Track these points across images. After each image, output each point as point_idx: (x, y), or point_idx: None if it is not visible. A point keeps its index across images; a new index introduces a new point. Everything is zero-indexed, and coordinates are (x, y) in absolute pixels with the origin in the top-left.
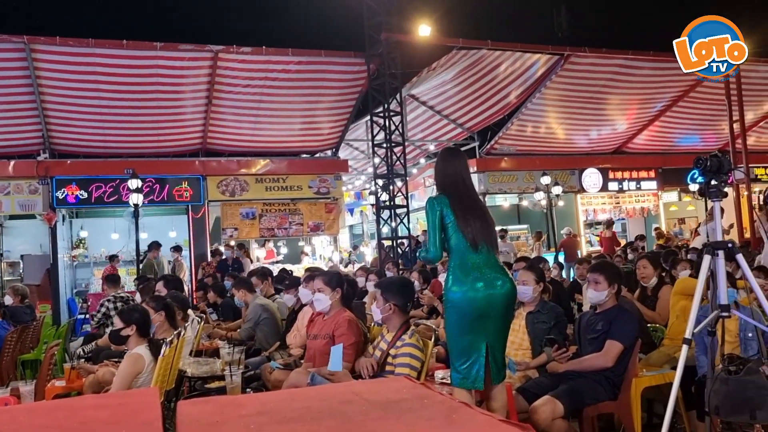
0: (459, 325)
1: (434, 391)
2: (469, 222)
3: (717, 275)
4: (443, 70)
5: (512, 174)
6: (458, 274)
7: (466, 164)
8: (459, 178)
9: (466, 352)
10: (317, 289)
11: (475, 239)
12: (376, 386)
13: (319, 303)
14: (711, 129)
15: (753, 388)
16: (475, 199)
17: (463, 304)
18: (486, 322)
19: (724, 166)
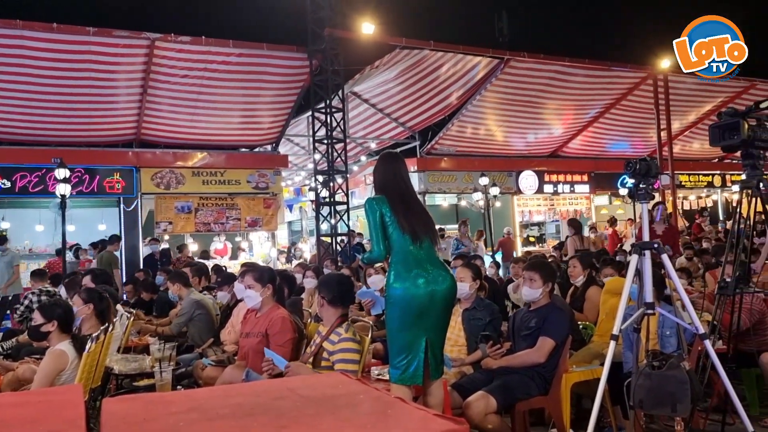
0: (400, 321)
1: (370, 386)
2: (409, 218)
3: (643, 274)
4: (386, 68)
5: (451, 174)
6: (400, 270)
7: (405, 167)
8: (399, 178)
9: (406, 348)
10: (248, 286)
11: (416, 235)
12: (312, 382)
13: (250, 299)
14: (640, 136)
15: (674, 383)
16: (415, 197)
17: (404, 300)
18: (427, 319)
19: (652, 170)
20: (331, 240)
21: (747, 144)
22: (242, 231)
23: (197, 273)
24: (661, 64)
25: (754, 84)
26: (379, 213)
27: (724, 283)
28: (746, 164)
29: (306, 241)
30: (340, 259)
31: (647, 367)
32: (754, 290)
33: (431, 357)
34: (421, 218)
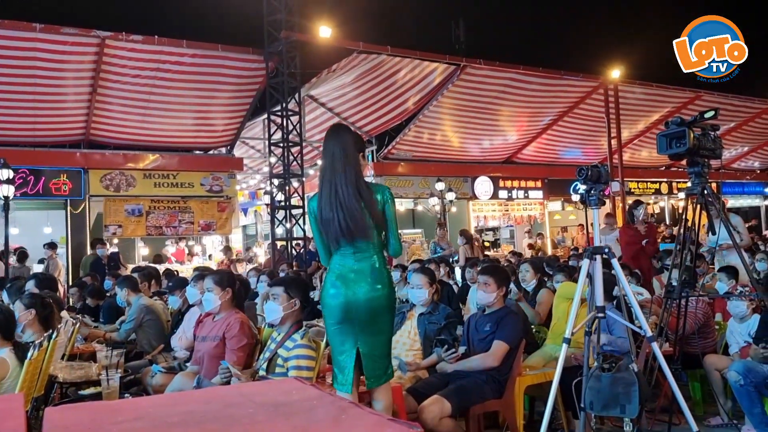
0: (328, 328)
1: (324, 391)
2: (330, 218)
3: (594, 278)
4: (343, 72)
5: (408, 179)
6: (328, 275)
7: (342, 142)
8: (329, 161)
9: (336, 354)
10: (207, 289)
11: (335, 237)
12: (265, 388)
13: (208, 303)
14: (592, 144)
15: (623, 385)
16: (345, 188)
17: (325, 307)
18: (351, 327)
19: (603, 176)
20: (287, 244)
21: (692, 152)
22: (195, 235)
23: (146, 277)
24: (612, 74)
25: (699, 95)
26: (314, 216)
27: (671, 287)
28: (692, 172)
29: (261, 245)
30: (295, 263)
31: (597, 369)
32: (699, 294)
33: (367, 366)
34: (345, 212)
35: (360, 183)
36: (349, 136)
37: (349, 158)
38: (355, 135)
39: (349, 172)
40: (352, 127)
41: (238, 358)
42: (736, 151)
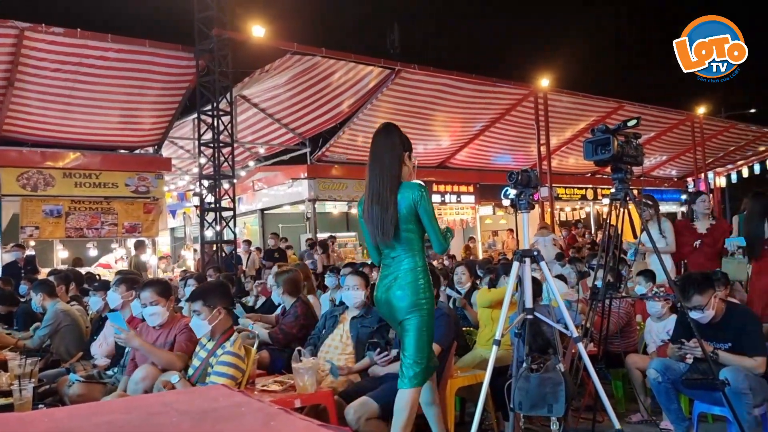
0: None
1: (252, 398)
2: (369, 218)
3: (524, 280)
4: (277, 73)
5: (342, 182)
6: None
7: (387, 142)
8: (372, 162)
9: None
10: (151, 302)
11: (373, 237)
12: (190, 396)
13: (156, 317)
14: (522, 150)
15: (551, 384)
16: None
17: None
18: (394, 325)
19: (532, 181)
20: (216, 248)
21: (616, 159)
22: (119, 237)
23: (63, 281)
24: (542, 82)
25: (622, 105)
26: (360, 217)
27: (595, 289)
28: (615, 178)
29: (189, 248)
30: (223, 267)
31: (526, 369)
32: (622, 296)
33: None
34: (381, 217)
35: (394, 184)
36: (396, 137)
37: (391, 159)
38: (402, 135)
39: (387, 173)
40: (284, 129)
41: (183, 362)
42: (655, 160)
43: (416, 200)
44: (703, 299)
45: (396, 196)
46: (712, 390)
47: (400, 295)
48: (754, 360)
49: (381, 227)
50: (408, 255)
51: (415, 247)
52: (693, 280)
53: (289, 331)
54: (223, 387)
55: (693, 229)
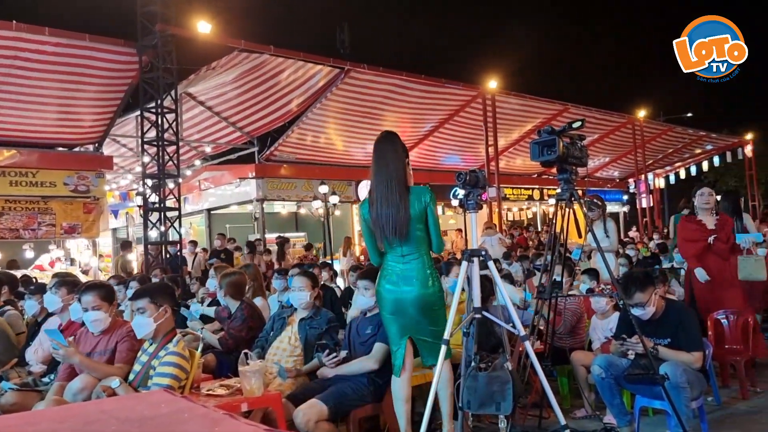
0: (383, 317)
1: (197, 404)
2: (380, 219)
3: (472, 280)
4: (223, 70)
5: (291, 182)
6: (381, 273)
7: (393, 148)
8: (380, 166)
9: (392, 344)
10: (93, 307)
11: (386, 238)
12: (130, 402)
13: (99, 323)
14: (470, 151)
15: (498, 383)
16: (392, 190)
17: (380, 300)
18: (402, 319)
19: (481, 180)
20: (161, 248)
21: (562, 160)
22: (57, 238)
23: None
24: (490, 84)
25: (567, 108)
26: (364, 219)
27: (542, 288)
28: (561, 178)
29: (132, 249)
30: (168, 269)
31: (474, 369)
32: (567, 294)
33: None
34: (394, 219)
35: (403, 188)
36: (399, 144)
37: (398, 164)
38: (402, 143)
39: (395, 178)
40: (232, 127)
41: (127, 369)
42: (599, 161)
43: (427, 203)
44: (644, 296)
45: (407, 198)
46: (653, 384)
47: (415, 289)
48: (692, 355)
49: (395, 227)
50: (419, 252)
51: (424, 246)
52: (635, 278)
53: (238, 334)
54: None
55: (702, 225)
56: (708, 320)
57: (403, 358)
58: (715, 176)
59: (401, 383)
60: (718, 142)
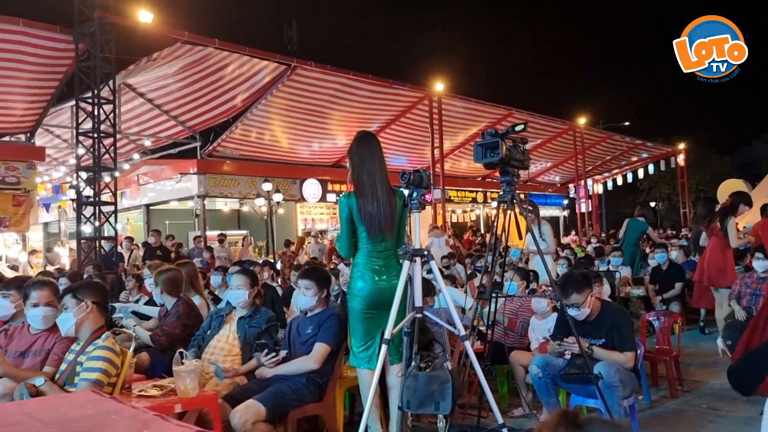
0: (359, 313)
1: (126, 405)
2: (373, 213)
3: (413, 279)
4: (165, 62)
5: (234, 178)
6: (359, 268)
7: (378, 147)
8: (370, 162)
9: (365, 336)
10: (47, 303)
11: (376, 231)
12: (55, 403)
13: (49, 320)
14: (417, 152)
15: (438, 383)
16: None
17: (357, 296)
18: (380, 312)
19: (424, 180)
20: (95, 244)
21: (504, 162)
22: None
23: None
24: (436, 86)
25: (511, 112)
26: (348, 211)
27: (482, 289)
28: (503, 181)
29: (64, 244)
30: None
31: (414, 368)
32: (507, 295)
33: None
34: (386, 214)
35: (390, 187)
36: (379, 143)
37: (383, 164)
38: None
39: (383, 176)
40: (173, 121)
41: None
42: (541, 166)
43: (404, 206)
44: (580, 297)
45: (394, 197)
46: (587, 384)
47: (395, 283)
48: (625, 355)
49: (385, 223)
50: (395, 249)
51: (399, 244)
52: (573, 279)
53: (172, 331)
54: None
55: None
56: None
57: (377, 351)
58: (649, 184)
59: (372, 375)
60: (653, 151)
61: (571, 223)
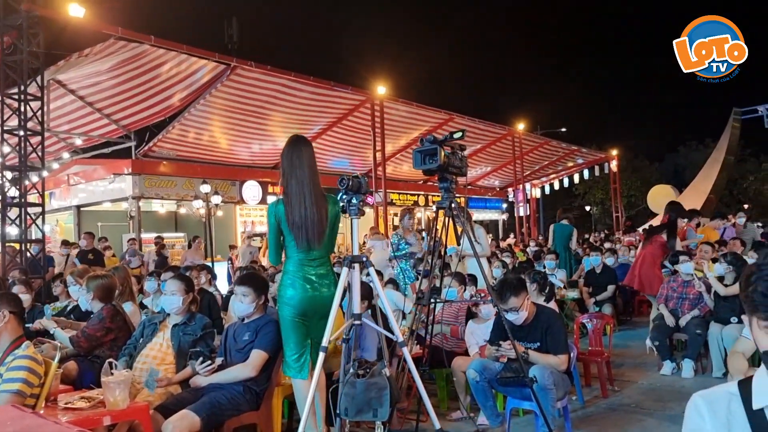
0: (291, 321)
1: (48, 420)
2: (300, 223)
3: (352, 286)
4: (97, 58)
5: (171, 179)
6: (289, 276)
7: (308, 152)
8: (299, 170)
9: (297, 345)
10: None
11: (304, 241)
12: None
13: None
14: (359, 155)
15: (376, 389)
16: (312, 194)
17: (288, 304)
18: (309, 321)
19: (363, 186)
20: (21, 248)
21: (443, 169)
22: None
23: None
24: (378, 89)
25: (452, 117)
26: (275, 218)
27: (421, 294)
28: (442, 187)
29: None
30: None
31: (352, 375)
32: (445, 300)
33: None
34: (315, 223)
35: (321, 193)
36: (311, 149)
37: (315, 169)
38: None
39: (314, 182)
40: (106, 119)
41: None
42: (481, 170)
43: (338, 211)
44: (517, 301)
45: (325, 204)
46: (523, 387)
47: (330, 292)
48: (558, 358)
49: (315, 231)
50: (328, 257)
51: (330, 250)
52: (509, 283)
53: (93, 334)
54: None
55: None
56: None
57: (309, 360)
58: (584, 188)
59: (307, 384)
60: (587, 157)
61: (510, 226)
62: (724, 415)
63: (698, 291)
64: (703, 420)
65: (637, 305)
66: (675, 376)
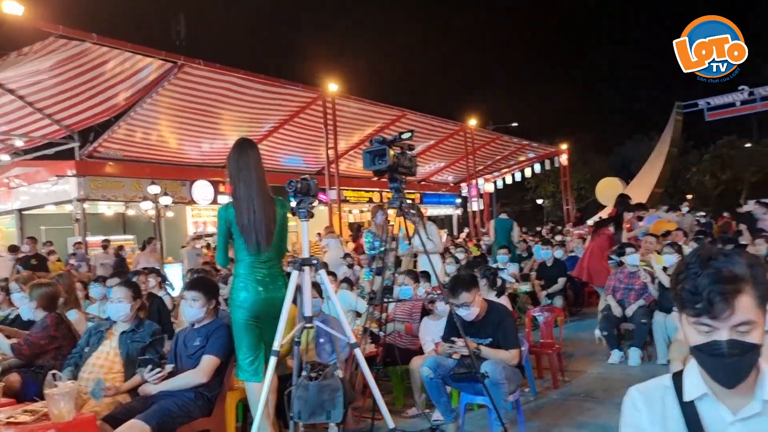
0: (244, 323)
1: None
2: (250, 227)
3: (303, 289)
4: (37, 57)
5: (118, 180)
6: (241, 278)
7: (255, 156)
8: (245, 173)
9: (251, 347)
10: None
11: (255, 244)
12: None
13: None
14: (312, 153)
15: (329, 392)
16: (261, 197)
17: (241, 306)
18: (262, 324)
19: (312, 188)
20: None
21: (392, 169)
22: None
23: None
24: (330, 87)
25: (405, 114)
26: (225, 222)
27: (373, 294)
28: (392, 187)
29: None
30: None
31: (305, 378)
32: (397, 299)
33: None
34: (263, 226)
35: (269, 196)
36: (257, 151)
37: (263, 171)
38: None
39: (263, 185)
40: (48, 120)
41: None
42: (435, 166)
43: (286, 213)
44: (469, 296)
45: (273, 206)
46: (475, 382)
47: (282, 293)
48: (510, 352)
49: (264, 234)
50: (278, 258)
51: (280, 252)
52: (461, 279)
53: (36, 342)
54: None
55: None
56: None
57: (263, 363)
58: (536, 182)
59: (260, 388)
60: (538, 151)
61: (464, 221)
62: (660, 408)
63: (643, 282)
64: (639, 413)
65: (587, 296)
66: (623, 364)
